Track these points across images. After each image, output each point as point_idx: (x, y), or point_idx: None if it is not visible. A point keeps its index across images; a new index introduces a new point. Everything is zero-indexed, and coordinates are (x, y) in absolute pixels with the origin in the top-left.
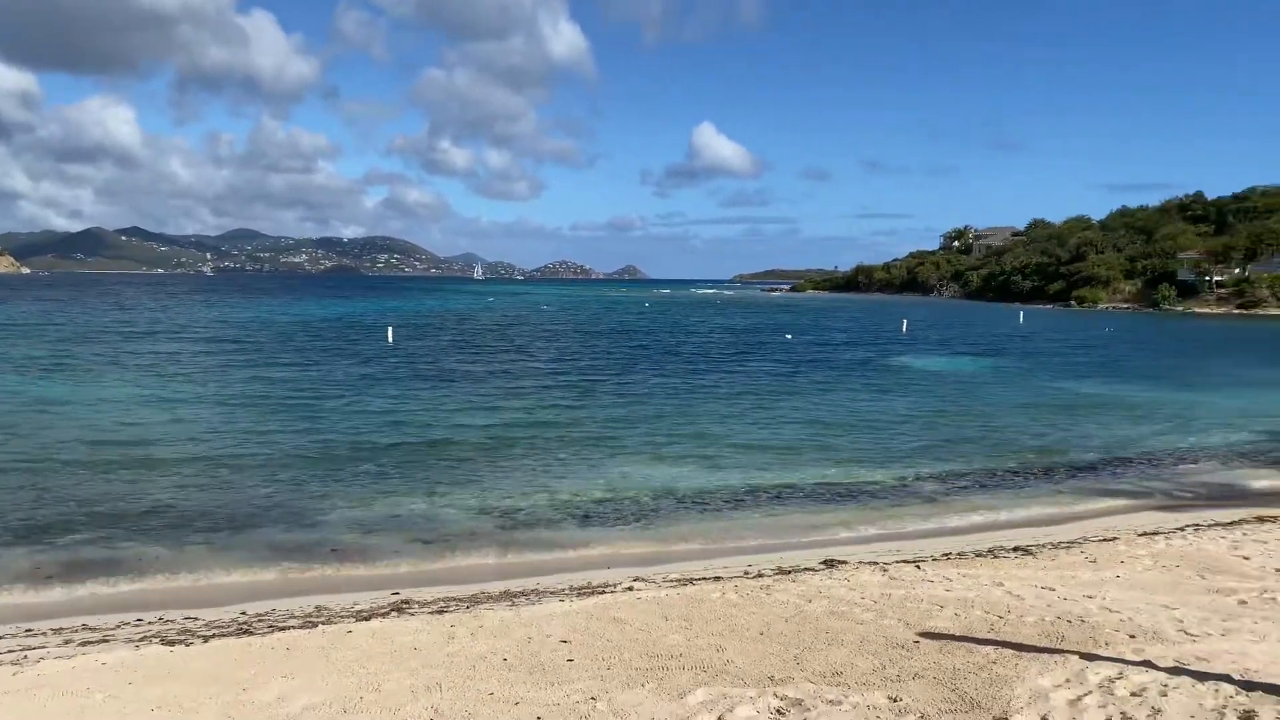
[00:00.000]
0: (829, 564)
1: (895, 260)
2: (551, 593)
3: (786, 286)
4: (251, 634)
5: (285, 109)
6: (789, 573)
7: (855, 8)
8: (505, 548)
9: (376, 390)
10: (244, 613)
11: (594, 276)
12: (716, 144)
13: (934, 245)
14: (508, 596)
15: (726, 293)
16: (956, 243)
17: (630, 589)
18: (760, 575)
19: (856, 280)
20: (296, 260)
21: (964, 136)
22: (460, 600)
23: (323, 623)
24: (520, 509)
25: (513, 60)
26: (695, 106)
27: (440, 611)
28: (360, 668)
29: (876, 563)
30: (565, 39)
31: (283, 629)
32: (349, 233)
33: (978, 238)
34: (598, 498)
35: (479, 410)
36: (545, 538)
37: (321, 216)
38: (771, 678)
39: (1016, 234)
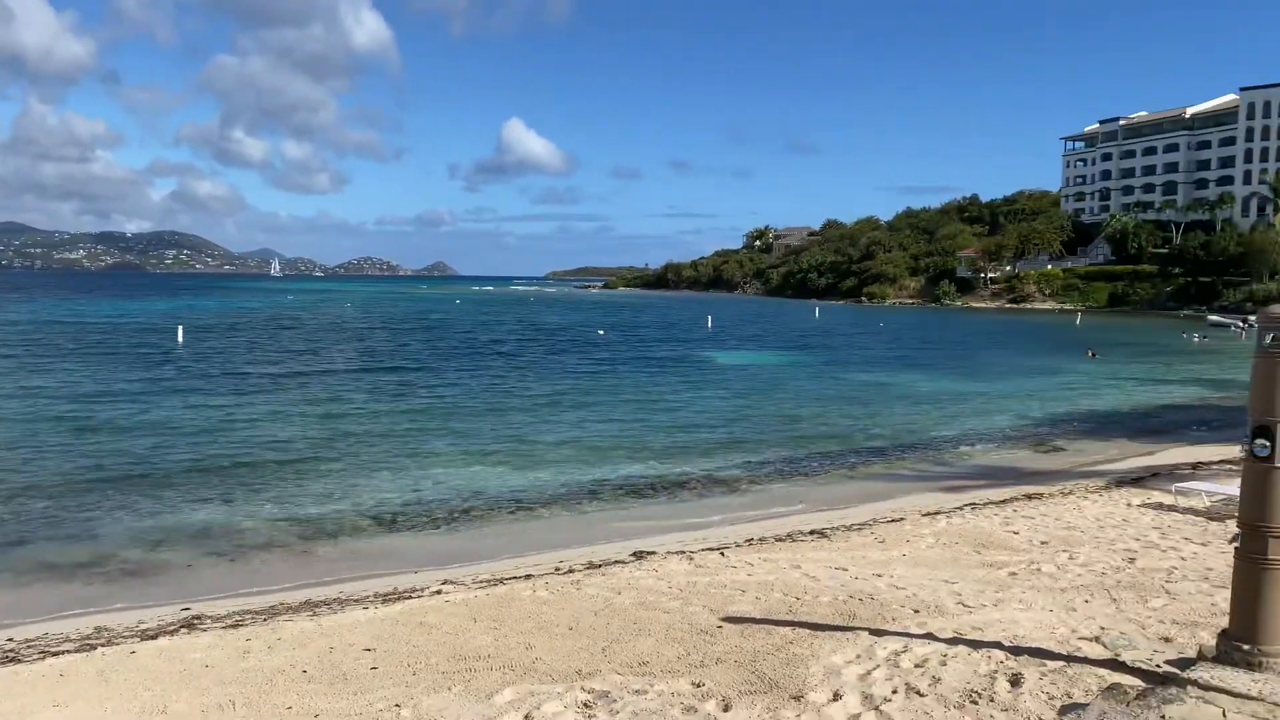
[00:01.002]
0: (639, 556)
1: (702, 258)
2: (355, 600)
3: (599, 284)
4: (19, 661)
5: (57, 93)
6: (599, 567)
7: (660, 7)
8: (306, 556)
9: (165, 395)
10: (10, 639)
11: (402, 273)
12: (527, 140)
13: (738, 244)
14: (309, 606)
15: (549, 289)
16: (758, 242)
17: (438, 592)
18: (571, 571)
19: (666, 278)
20: (73, 257)
21: (764, 139)
22: (257, 613)
23: (102, 644)
24: (323, 516)
25: (312, 48)
26: (504, 101)
27: (235, 626)
28: (144, 690)
29: (684, 552)
30: (368, 28)
31: (56, 654)
32: (133, 227)
33: (777, 237)
34: (405, 501)
35: (278, 415)
36: (349, 544)
37: (102, 210)
38: (579, 672)
39: (812, 234)
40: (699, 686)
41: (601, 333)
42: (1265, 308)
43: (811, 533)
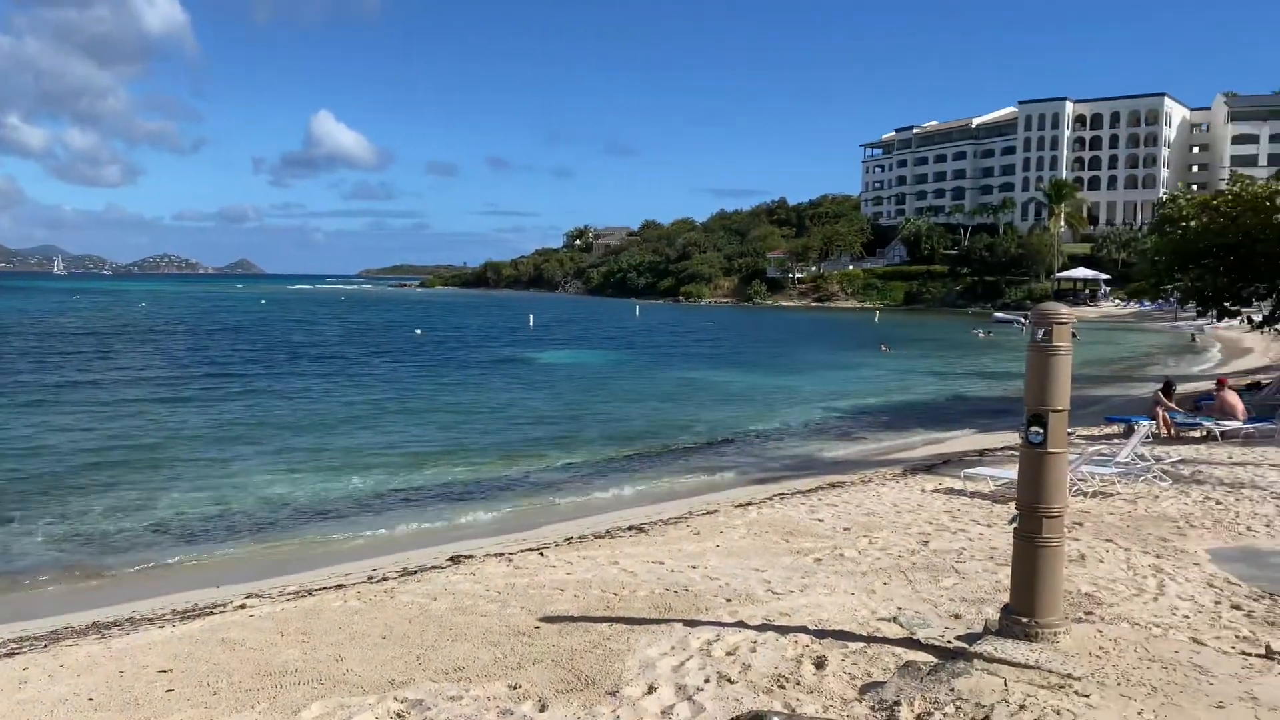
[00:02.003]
0: (456, 560)
1: (523, 257)
2: (150, 619)
3: (415, 282)
4: None
5: None
6: (414, 573)
7: (476, 3)
8: (94, 576)
9: None
10: None
11: (202, 271)
12: (337, 133)
13: (559, 243)
14: (97, 629)
15: (367, 288)
16: (578, 241)
17: (243, 606)
18: (385, 579)
19: (486, 276)
20: None
21: (584, 139)
22: (37, 639)
23: None
24: (114, 531)
25: (98, 30)
26: (313, 93)
27: (10, 655)
28: None
29: (503, 554)
30: (160, 10)
31: None
32: None
33: (597, 237)
34: (207, 513)
35: (60, 427)
36: (143, 561)
37: None
38: (393, 681)
39: (631, 234)
40: (515, 688)
41: (419, 332)
42: (1039, 305)
43: (630, 529)
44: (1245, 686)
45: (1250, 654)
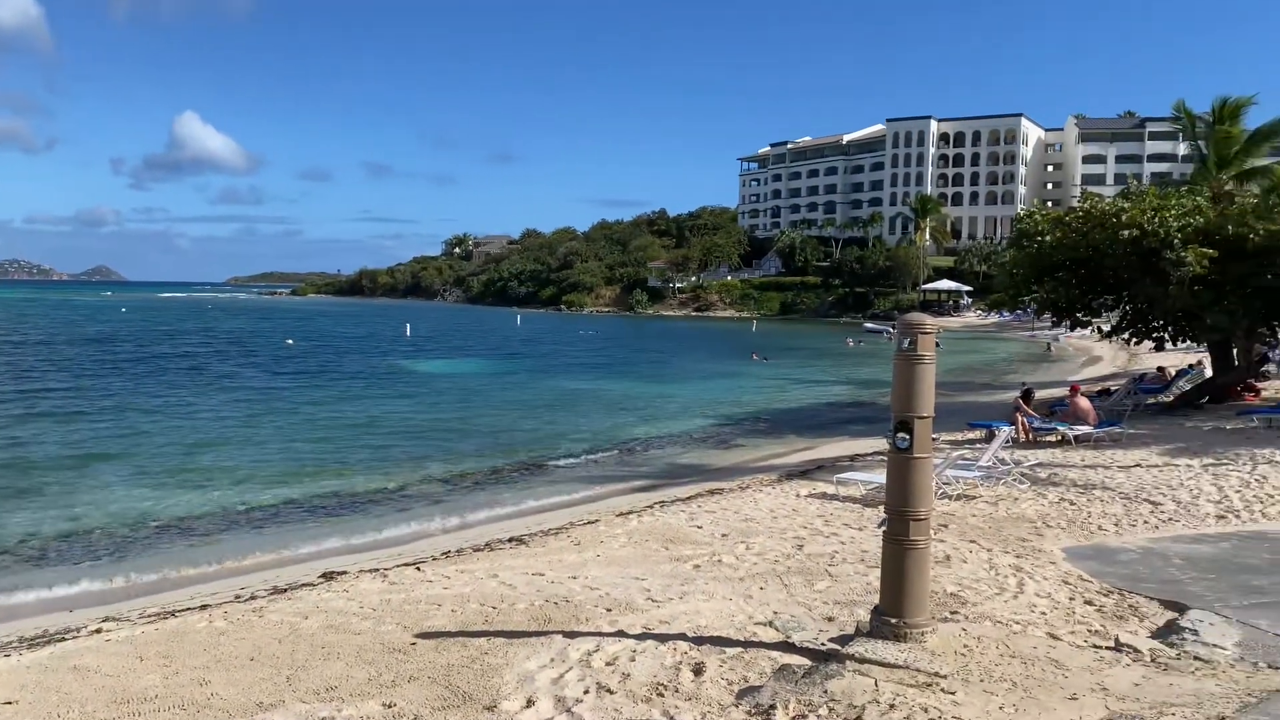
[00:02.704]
0: (328, 576)
1: (400, 265)
2: None
3: (287, 290)
4: None
5: None
6: (285, 591)
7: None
8: None
9: None
10: None
11: (57, 278)
12: (203, 135)
13: (438, 251)
14: None
15: (240, 296)
16: (458, 249)
17: (98, 631)
18: (253, 598)
19: (361, 284)
20: None
21: (467, 145)
22: None
23: None
24: None
25: None
26: (177, 93)
27: None
28: None
29: (378, 570)
30: (11, 3)
31: None
32: None
33: (478, 245)
34: (60, 533)
35: None
36: None
37: None
38: (260, 704)
39: (512, 242)
40: (390, 707)
41: (290, 342)
42: (904, 316)
43: (510, 540)
44: (1097, 678)
45: (1101, 647)
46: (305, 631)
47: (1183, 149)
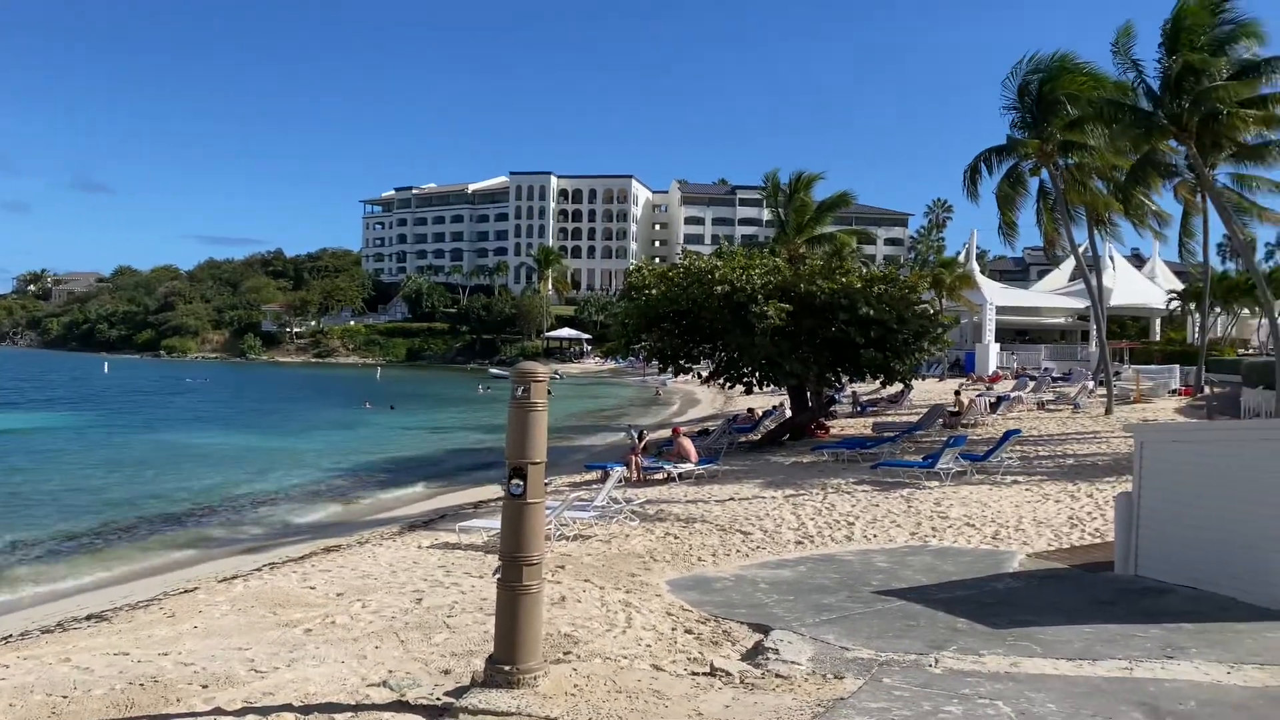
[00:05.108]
0: None
1: None
2: None
3: None
4: None
5: None
6: None
7: None
8: None
9: None
10: None
11: None
12: None
13: (7, 289)
14: None
15: None
16: (33, 286)
17: None
18: None
19: None
20: None
21: (44, 171)
22: None
23: None
24: None
25: None
26: None
27: None
28: None
29: None
30: None
31: None
32: None
33: (58, 282)
34: None
35: None
36: None
37: None
38: None
39: (102, 280)
40: None
41: None
42: (517, 365)
43: (89, 618)
44: (693, 704)
45: (699, 673)
46: None
47: (766, 214)
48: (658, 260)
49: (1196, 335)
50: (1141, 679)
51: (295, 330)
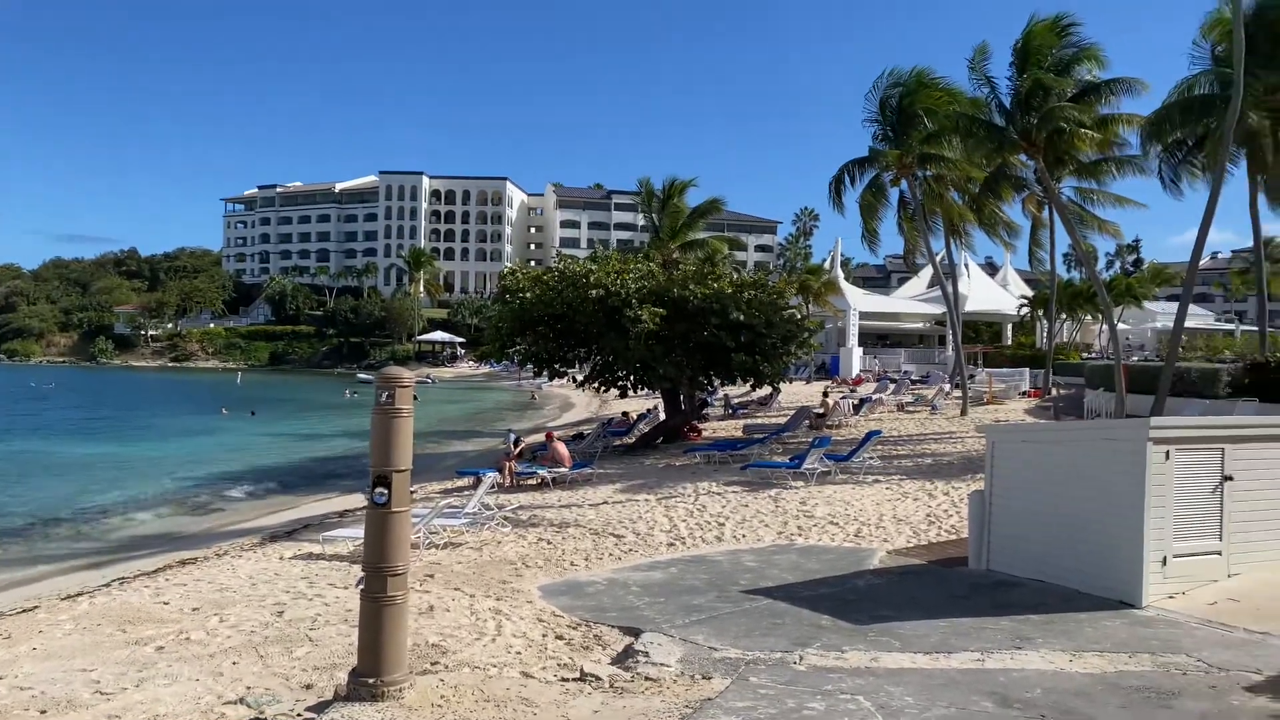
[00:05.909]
0: None
1: None
2: None
3: None
4: None
5: None
6: None
7: None
8: None
9: None
10: None
11: None
12: None
13: None
14: None
15: None
16: None
17: None
18: None
19: None
20: None
21: None
22: None
23: None
24: None
25: None
26: None
27: None
28: None
29: None
30: None
31: None
32: None
33: None
34: None
35: None
36: None
37: None
38: None
39: None
40: None
41: None
42: (382, 370)
43: None
44: (562, 710)
45: (569, 679)
46: None
47: (641, 219)
48: (533, 263)
49: (1045, 340)
50: (992, 669)
51: (151, 333)
